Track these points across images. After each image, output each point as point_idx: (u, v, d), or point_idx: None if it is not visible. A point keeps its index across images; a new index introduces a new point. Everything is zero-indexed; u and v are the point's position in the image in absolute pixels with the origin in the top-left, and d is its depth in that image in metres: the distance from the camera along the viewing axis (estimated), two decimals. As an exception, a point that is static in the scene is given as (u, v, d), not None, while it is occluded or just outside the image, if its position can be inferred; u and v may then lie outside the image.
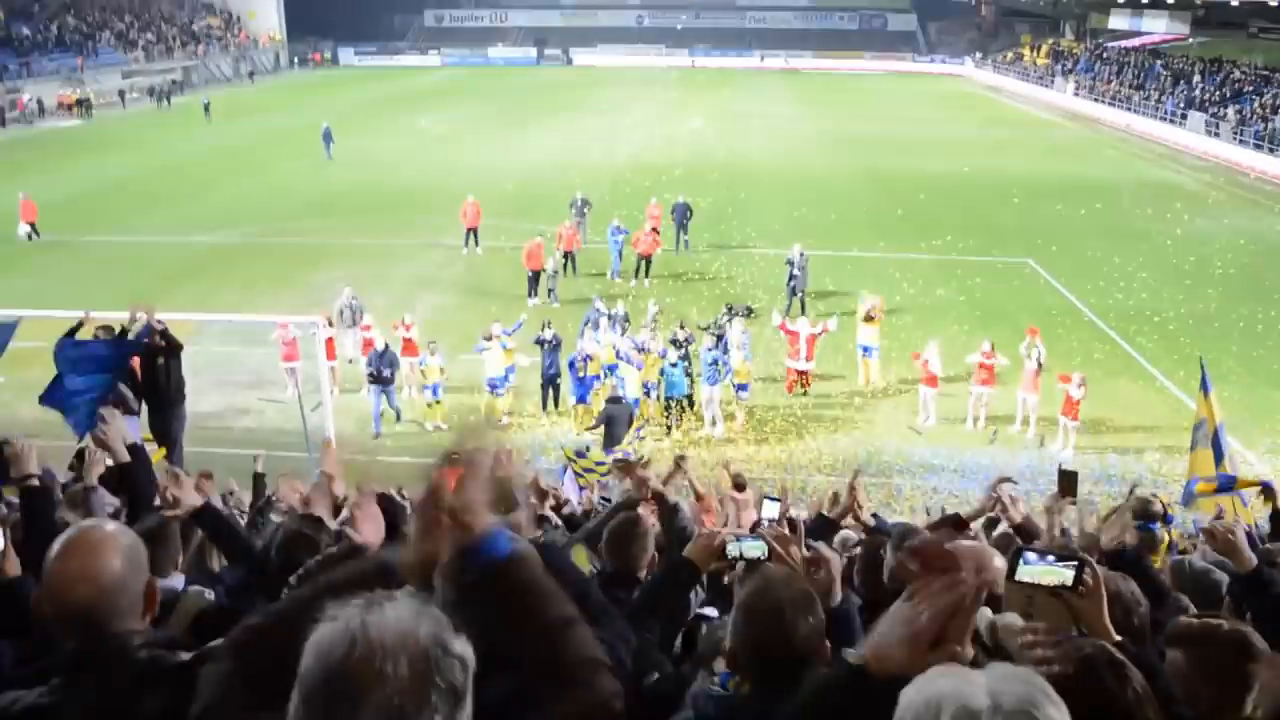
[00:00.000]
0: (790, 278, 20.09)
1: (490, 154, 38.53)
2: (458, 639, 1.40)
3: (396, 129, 44.98)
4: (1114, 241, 26.02)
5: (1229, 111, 43.09)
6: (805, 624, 2.36)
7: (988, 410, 15.58)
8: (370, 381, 15.37)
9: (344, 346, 17.23)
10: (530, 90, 60.26)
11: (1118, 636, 2.60)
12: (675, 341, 15.73)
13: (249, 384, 16.73)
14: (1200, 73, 50.08)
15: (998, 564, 3.12)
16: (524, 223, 25.42)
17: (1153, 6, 57.36)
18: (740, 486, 9.99)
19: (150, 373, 10.31)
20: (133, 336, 9.76)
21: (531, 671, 1.67)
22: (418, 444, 14.68)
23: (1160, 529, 6.86)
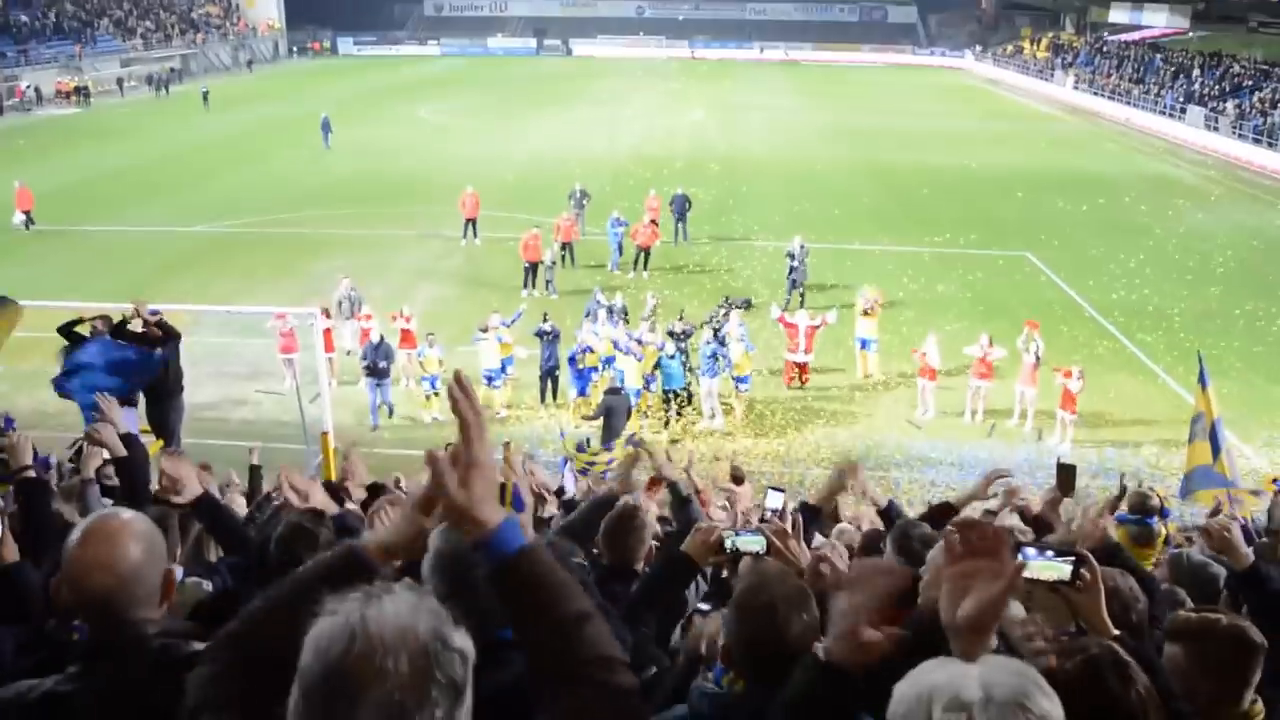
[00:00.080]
0: (790, 270, 20.08)
1: (489, 144, 38.43)
2: (457, 632, 1.40)
3: (395, 119, 44.82)
4: (1113, 236, 25.99)
5: (1228, 106, 43.04)
6: (799, 621, 2.35)
7: (986, 404, 15.60)
8: (366, 374, 15.36)
9: (342, 337, 17.18)
10: (530, 81, 60.10)
11: (1116, 631, 2.60)
12: (673, 333, 15.72)
13: (246, 375, 16.68)
14: (1200, 67, 50.01)
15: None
16: (523, 214, 25.38)
17: (1153, 0, 57.28)
18: (738, 479, 10.00)
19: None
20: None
21: (545, 667, 1.67)
22: (416, 437, 14.67)
23: (1157, 523, 6.87)
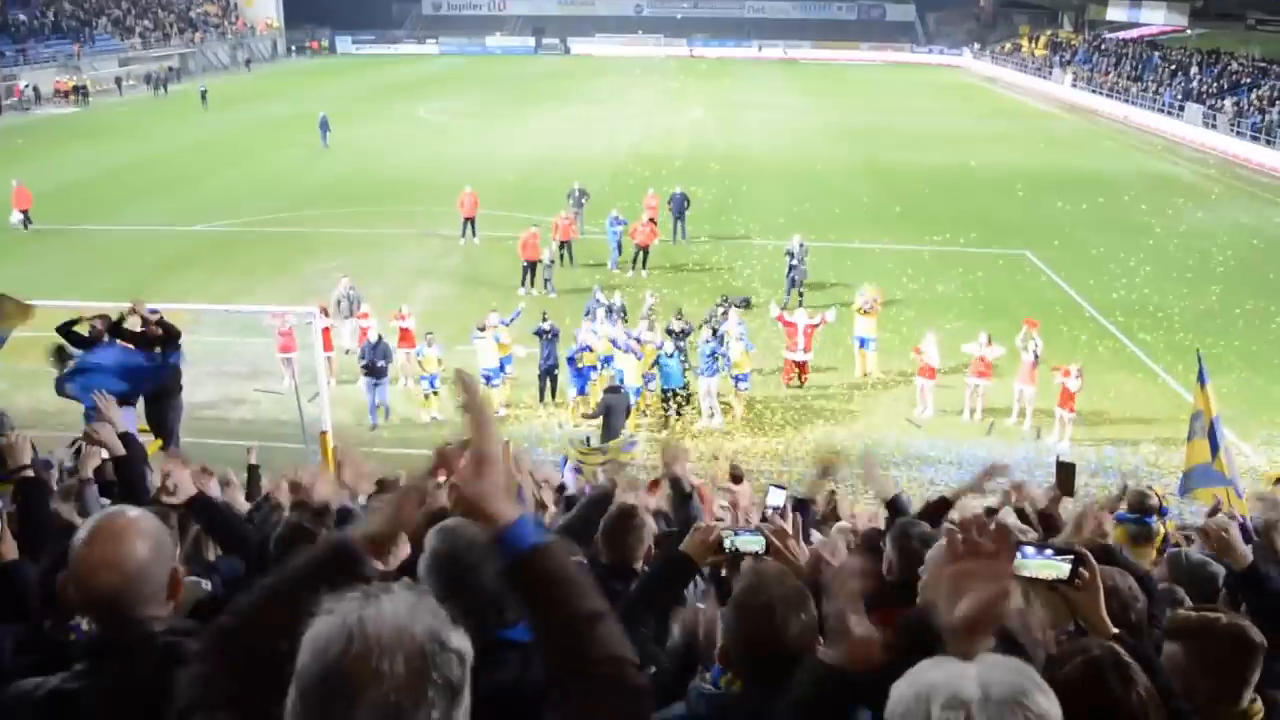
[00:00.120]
0: (790, 268, 20.08)
1: (488, 143, 38.42)
2: (455, 632, 1.40)
3: (394, 118, 44.78)
4: (1112, 234, 25.98)
5: (1226, 103, 43.05)
6: (797, 621, 2.35)
7: (984, 402, 15.60)
8: (364, 373, 15.35)
9: (341, 336, 17.17)
10: (528, 80, 60.02)
11: (1115, 629, 2.60)
12: (671, 332, 15.72)
13: (245, 374, 16.66)
14: (1198, 64, 50.03)
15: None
16: (522, 213, 25.36)
17: (1151, -2, 57.34)
18: (737, 479, 9.99)
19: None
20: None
21: (557, 664, 1.67)
22: (414, 436, 14.66)
23: (1156, 522, 6.87)
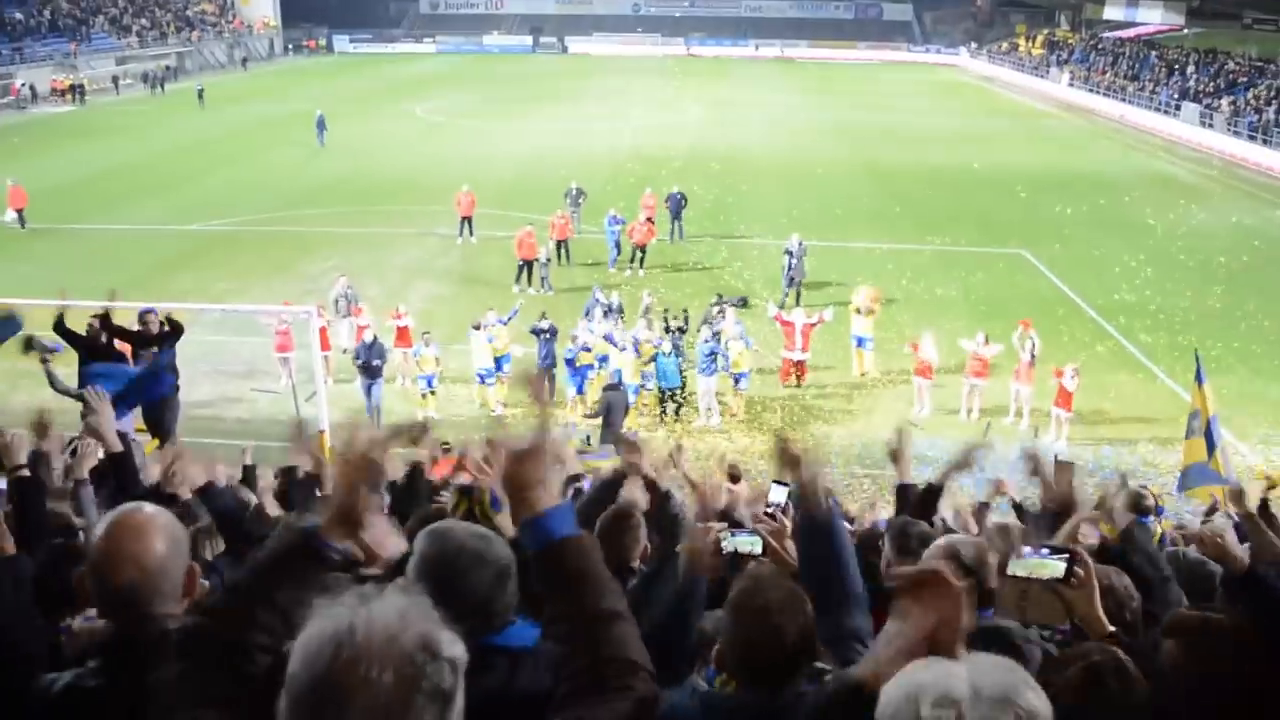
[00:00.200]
0: (788, 268, 20.08)
1: (486, 143, 38.38)
2: (448, 638, 1.39)
3: (391, 117, 44.74)
4: (1109, 234, 26.02)
5: (1223, 103, 43.10)
6: (794, 625, 2.34)
7: (982, 402, 15.60)
8: (360, 373, 15.32)
9: (338, 336, 17.16)
10: (526, 78, 59.96)
11: (1111, 628, 2.60)
12: (668, 329, 15.71)
13: (242, 373, 16.64)
14: (1195, 64, 50.09)
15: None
16: (519, 212, 25.36)
17: (1148, -3, 57.42)
18: (735, 479, 9.97)
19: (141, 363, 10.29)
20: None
21: (567, 660, 1.68)
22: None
23: (1152, 521, 6.88)
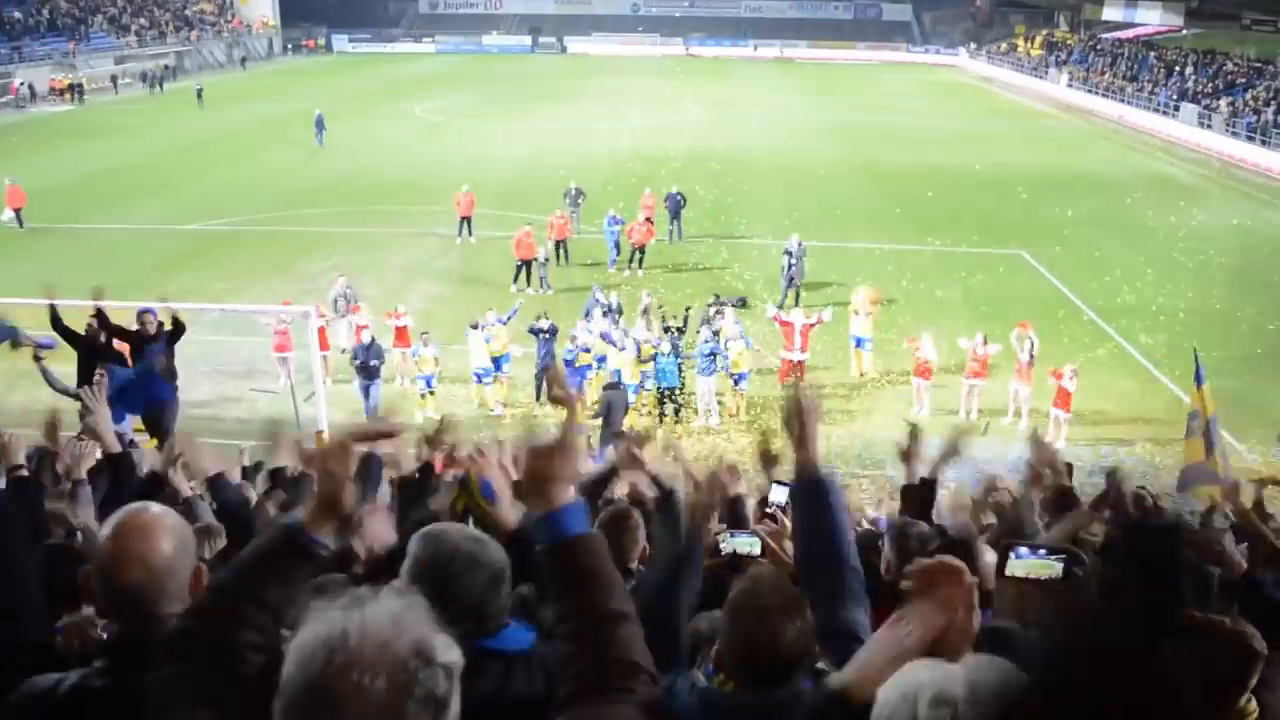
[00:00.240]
0: (788, 267, 20.07)
1: (485, 142, 38.37)
2: (443, 643, 1.39)
3: (390, 116, 44.73)
4: (1109, 235, 26.03)
5: (1221, 103, 43.14)
6: (793, 627, 2.34)
7: (980, 402, 15.60)
8: (357, 373, 15.30)
9: (337, 335, 17.14)
10: (525, 78, 59.96)
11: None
12: (667, 329, 15.70)
13: (240, 373, 16.63)
14: (1193, 64, 50.13)
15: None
16: (518, 212, 25.34)
17: (1147, -2, 57.49)
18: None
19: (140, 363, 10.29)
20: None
21: (573, 661, 1.68)
22: (411, 436, 14.58)
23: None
